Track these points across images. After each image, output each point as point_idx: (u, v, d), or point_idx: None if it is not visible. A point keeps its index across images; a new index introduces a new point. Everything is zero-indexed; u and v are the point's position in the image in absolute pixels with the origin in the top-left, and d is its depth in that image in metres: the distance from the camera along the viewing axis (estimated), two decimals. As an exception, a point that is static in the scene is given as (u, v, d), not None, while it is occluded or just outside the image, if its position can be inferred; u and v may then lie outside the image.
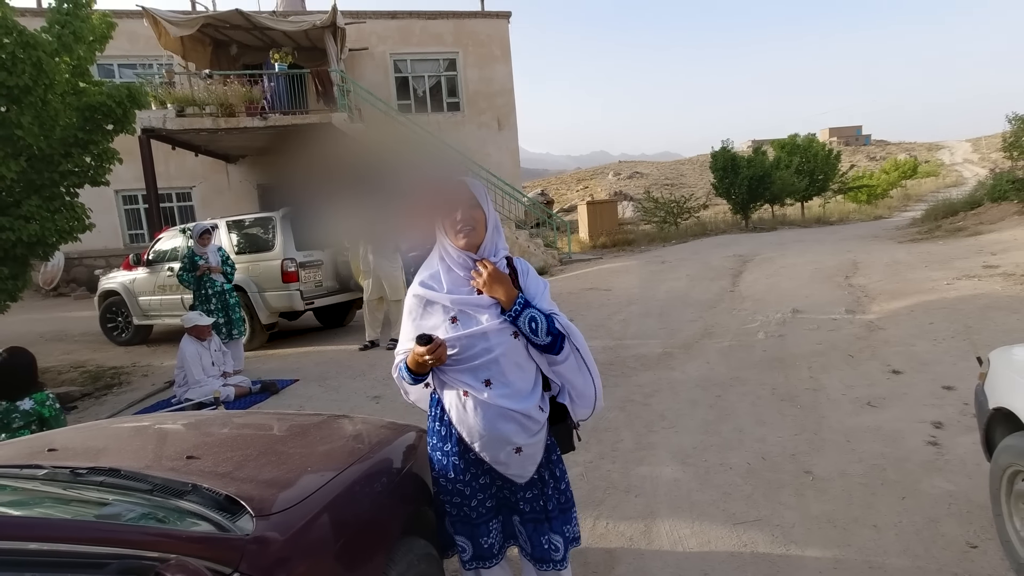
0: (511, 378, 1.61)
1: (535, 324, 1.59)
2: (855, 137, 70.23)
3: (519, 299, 1.59)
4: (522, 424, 1.62)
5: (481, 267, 1.59)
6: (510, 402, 1.59)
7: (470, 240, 1.60)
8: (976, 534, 2.36)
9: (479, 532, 1.71)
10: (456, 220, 1.59)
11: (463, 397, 1.61)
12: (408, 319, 1.68)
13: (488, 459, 1.64)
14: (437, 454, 1.71)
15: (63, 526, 0.90)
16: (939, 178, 37.49)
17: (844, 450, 3.22)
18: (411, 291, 1.68)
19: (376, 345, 6.35)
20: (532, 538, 1.72)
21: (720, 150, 19.12)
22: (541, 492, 1.71)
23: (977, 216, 10.72)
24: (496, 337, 1.59)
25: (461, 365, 1.60)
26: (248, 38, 13.96)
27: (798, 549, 2.39)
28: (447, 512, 1.73)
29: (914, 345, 4.81)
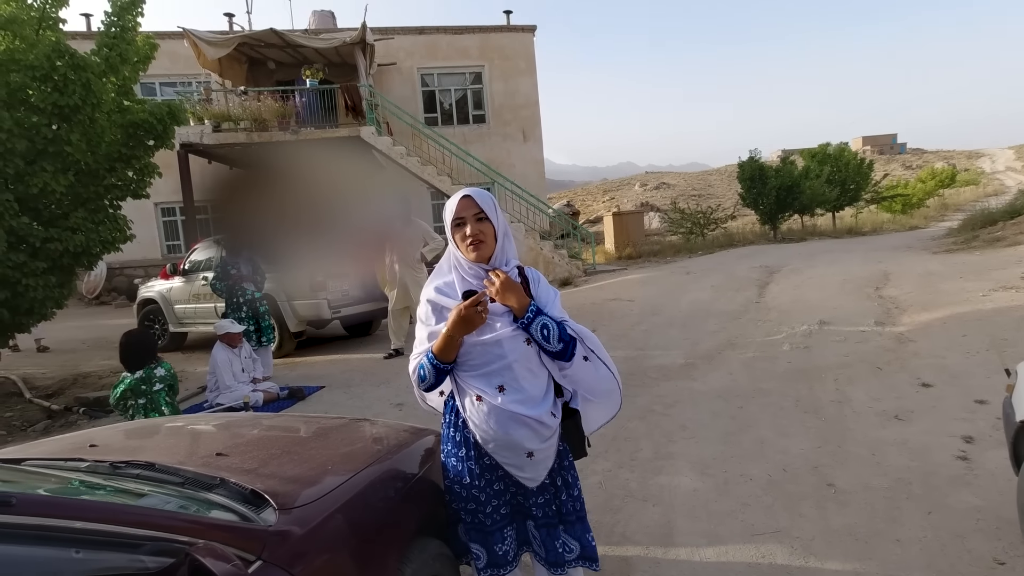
0: (524, 384, 1.65)
1: (547, 331, 1.62)
2: (890, 146, 68.55)
3: (531, 307, 1.63)
4: (534, 429, 1.65)
5: (494, 276, 1.63)
6: (523, 408, 1.63)
7: (480, 253, 1.64)
8: (1004, 551, 2.31)
9: (493, 539, 1.73)
10: (466, 234, 1.63)
11: (477, 402, 1.65)
12: (422, 325, 1.73)
13: (501, 462, 1.68)
14: (452, 460, 1.74)
15: (105, 508, 0.98)
16: (979, 187, 36.34)
17: (868, 463, 3.17)
18: (425, 296, 1.72)
19: (401, 353, 6.45)
20: (546, 542, 1.74)
21: (747, 160, 18.92)
22: (554, 497, 1.74)
23: (1017, 226, 10.37)
24: (510, 344, 1.63)
25: (476, 371, 1.65)
26: (282, 55, 14.45)
27: (817, 562, 2.36)
28: (462, 519, 1.75)
29: (945, 358, 4.69)
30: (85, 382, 6.54)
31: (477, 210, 1.64)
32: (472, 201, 1.65)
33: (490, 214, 1.66)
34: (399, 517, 1.66)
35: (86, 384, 6.44)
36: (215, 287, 5.55)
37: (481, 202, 1.65)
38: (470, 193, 1.67)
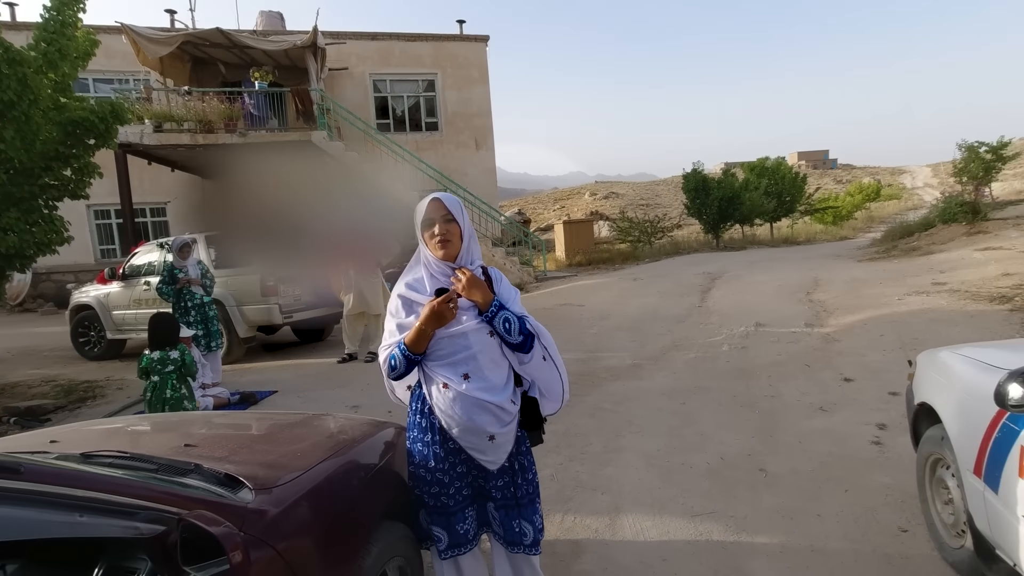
0: (487, 373, 1.76)
1: (509, 324, 1.74)
2: (823, 161, 72.70)
3: (495, 302, 1.75)
4: (496, 415, 1.76)
5: (460, 274, 1.74)
6: (486, 394, 1.74)
7: (447, 251, 1.76)
8: (908, 520, 2.60)
9: (455, 520, 1.82)
10: (434, 233, 1.74)
11: (443, 389, 1.75)
12: (392, 318, 1.82)
13: (465, 446, 1.78)
14: (418, 445, 1.83)
15: (104, 480, 1.04)
16: (901, 201, 38.99)
17: (796, 450, 3.46)
18: (396, 292, 1.83)
19: (355, 358, 6.44)
20: (504, 523, 1.85)
21: (692, 172, 19.74)
22: (512, 480, 1.85)
23: (930, 237, 11.32)
24: (474, 336, 1.75)
25: (443, 361, 1.76)
26: (228, 56, 14.06)
27: (749, 537, 2.59)
28: (426, 503, 1.83)
29: (865, 355, 5.12)
30: (13, 392, 6.19)
31: (445, 212, 1.76)
32: (441, 204, 1.77)
33: (457, 216, 1.77)
34: (365, 501, 1.75)
35: (14, 394, 6.10)
36: (162, 292, 5.41)
37: (449, 205, 1.77)
38: (439, 196, 1.79)
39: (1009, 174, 40.58)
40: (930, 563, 2.31)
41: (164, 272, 5.40)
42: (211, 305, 5.62)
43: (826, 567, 2.34)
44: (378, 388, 5.47)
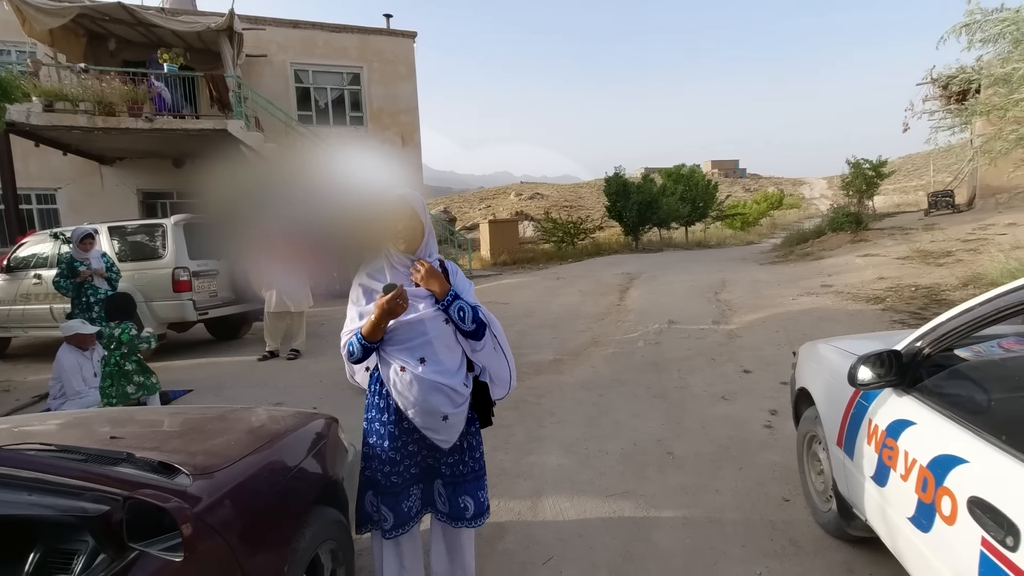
0: (441, 357, 1.88)
1: (463, 313, 1.87)
2: (733, 170, 77.65)
3: (451, 292, 1.88)
4: (449, 396, 1.89)
5: (420, 265, 1.87)
6: (441, 377, 1.86)
7: (409, 245, 1.89)
8: (790, 491, 2.96)
9: (401, 498, 1.93)
10: (398, 229, 1.87)
11: (401, 372, 1.86)
12: (353, 305, 1.93)
13: (420, 425, 1.89)
14: (375, 424, 1.94)
15: (49, 463, 1.05)
16: (800, 210, 42.36)
17: (700, 435, 3.80)
18: (357, 281, 1.94)
19: (276, 356, 6.27)
20: (450, 499, 1.98)
21: (613, 176, 20.54)
22: (460, 458, 1.99)
23: (821, 243, 12.50)
24: (431, 323, 1.87)
25: (401, 345, 1.87)
26: (131, 33, 13.07)
27: (656, 512, 2.85)
28: (377, 482, 1.92)
29: (762, 350, 5.65)
30: None
31: (411, 209, 1.89)
32: (407, 202, 1.90)
33: (421, 215, 1.91)
34: (297, 487, 1.81)
35: None
36: (60, 285, 5.02)
37: (414, 203, 1.91)
38: (404, 194, 1.92)
39: (890, 188, 45.26)
40: (806, 527, 2.66)
41: (63, 265, 5.02)
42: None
43: (721, 535, 2.63)
44: (301, 386, 5.41)
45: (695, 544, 2.57)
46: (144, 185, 14.67)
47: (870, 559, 2.34)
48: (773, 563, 2.40)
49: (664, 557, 2.48)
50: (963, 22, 7.26)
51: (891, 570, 2.23)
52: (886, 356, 1.82)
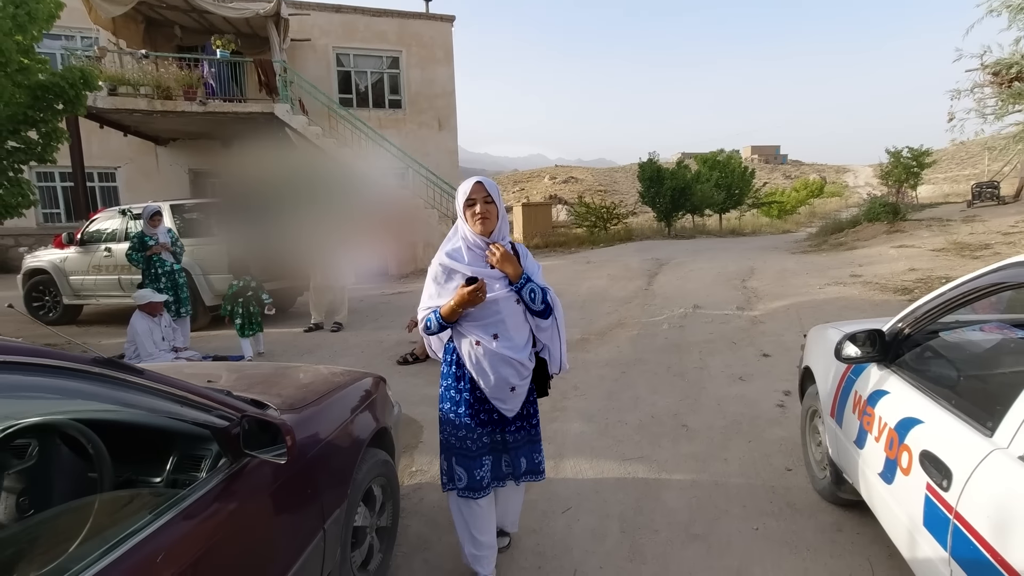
0: (512, 334, 2.05)
1: (534, 295, 2.03)
2: (774, 156, 75.55)
3: (524, 275, 2.03)
4: (517, 369, 2.06)
5: (495, 248, 2.00)
6: (511, 352, 2.03)
7: (485, 227, 2.01)
8: (793, 463, 3.20)
9: (474, 464, 2.10)
10: (475, 212, 2.00)
11: (475, 346, 2.04)
12: (433, 283, 2.08)
13: (490, 395, 2.08)
14: (451, 392, 2.12)
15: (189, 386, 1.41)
16: (842, 198, 41.10)
17: (715, 411, 4.05)
18: (437, 260, 2.07)
19: (320, 327, 6.74)
20: (514, 461, 2.18)
21: (647, 161, 20.45)
22: (521, 425, 2.19)
23: (856, 233, 12.34)
24: (504, 303, 2.03)
25: (476, 322, 2.04)
26: (185, 20, 13.68)
27: (667, 475, 3.14)
28: (452, 446, 2.12)
29: (783, 335, 5.81)
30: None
31: (486, 194, 2.03)
32: (482, 186, 2.03)
33: (496, 198, 2.05)
34: (357, 428, 2.16)
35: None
36: (132, 258, 5.54)
37: (490, 188, 2.04)
38: (481, 180, 2.06)
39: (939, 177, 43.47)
40: (804, 493, 2.90)
41: (134, 239, 5.53)
42: (180, 272, 5.79)
43: (725, 496, 2.91)
44: (344, 355, 5.83)
45: (700, 503, 2.85)
46: (194, 165, 15.42)
47: (858, 521, 2.58)
48: (770, 521, 2.67)
49: (670, 512, 2.78)
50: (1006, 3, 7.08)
51: (875, 530, 2.47)
52: (871, 334, 2.05)
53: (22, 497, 1.32)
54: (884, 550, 2.36)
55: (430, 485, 3.12)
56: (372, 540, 2.23)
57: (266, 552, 1.52)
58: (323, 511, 1.78)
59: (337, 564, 1.89)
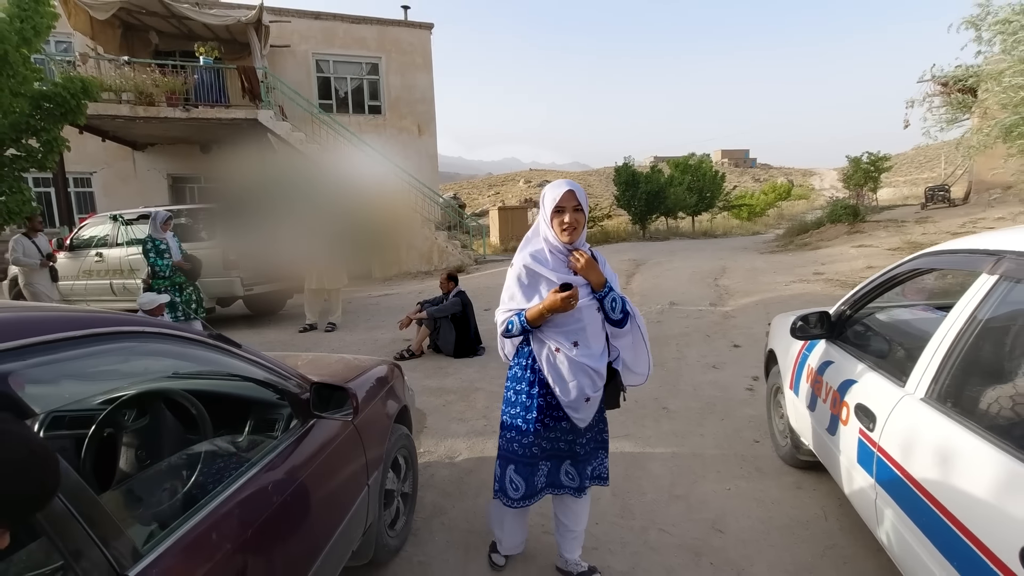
0: (591, 342, 1.97)
1: (615, 304, 1.97)
2: (744, 159, 77.54)
3: (607, 284, 1.97)
4: (593, 379, 1.98)
5: (579, 255, 1.94)
6: (589, 360, 1.96)
7: (573, 237, 1.93)
8: (760, 436, 3.62)
9: (533, 472, 2.06)
10: (564, 221, 1.91)
11: (555, 352, 1.97)
12: (516, 285, 2.01)
13: (565, 404, 1.99)
14: (522, 396, 2.03)
15: (275, 360, 1.72)
16: (809, 201, 42.52)
17: (691, 395, 4.46)
18: (521, 262, 2.01)
19: (315, 328, 6.98)
20: (579, 473, 2.11)
21: (622, 166, 21.06)
22: (591, 437, 2.14)
23: (819, 234, 13.04)
24: (586, 311, 1.96)
25: (557, 329, 1.96)
26: (164, 25, 13.72)
27: (651, 449, 3.52)
28: (514, 451, 2.05)
29: (752, 328, 6.28)
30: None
31: (576, 202, 1.93)
32: (574, 195, 1.93)
33: (585, 207, 1.97)
34: (387, 404, 2.49)
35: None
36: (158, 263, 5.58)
37: (580, 196, 1.94)
38: (572, 187, 1.94)
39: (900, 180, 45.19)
40: (770, 460, 3.32)
41: (148, 244, 5.59)
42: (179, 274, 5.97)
43: (702, 464, 3.30)
44: (342, 352, 6.06)
45: (680, 470, 3.24)
46: (173, 170, 15.40)
47: (815, 480, 3.00)
48: (740, 483, 3.07)
49: (655, 478, 3.16)
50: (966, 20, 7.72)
51: (828, 486, 2.90)
52: (820, 316, 2.47)
53: (140, 451, 1.61)
54: (835, 501, 2.78)
55: (438, 463, 3.45)
56: (398, 503, 2.55)
57: (330, 499, 1.84)
58: (367, 470, 2.10)
59: (376, 518, 2.21)
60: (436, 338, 5.87)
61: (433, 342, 5.93)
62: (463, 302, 5.89)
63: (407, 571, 2.40)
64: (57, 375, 1.06)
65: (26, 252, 6.30)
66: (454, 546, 2.58)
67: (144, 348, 1.30)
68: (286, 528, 1.51)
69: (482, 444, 3.71)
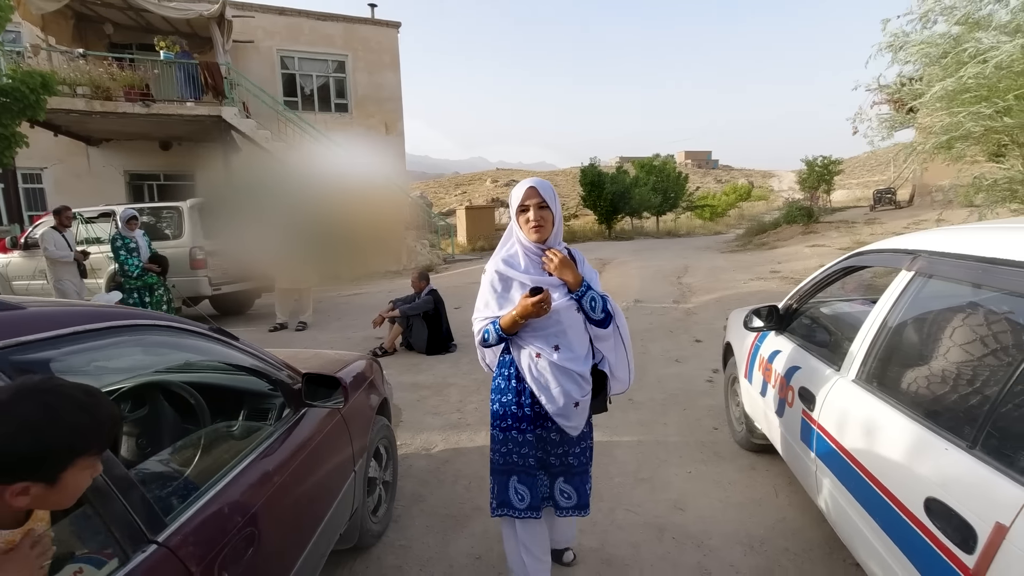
0: (573, 345, 1.89)
1: (594, 303, 1.87)
2: (706, 160, 79.46)
3: (584, 283, 1.87)
4: (579, 383, 1.90)
5: (552, 255, 1.86)
6: (573, 364, 1.87)
7: (540, 235, 1.86)
8: (719, 424, 3.87)
9: (536, 482, 1.95)
10: (529, 219, 1.85)
11: (536, 358, 1.88)
12: (490, 291, 1.93)
13: (552, 412, 1.90)
14: (512, 408, 1.93)
15: (270, 355, 1.82)
16: (768, 202, 43.95)
17: (656, 387, 4.69)
18: (493, 267, 1.94)
19: (285, 327, 6.97)
20: (578, 488, 1.99)
21: (588, 166, 21.44)
22: (586, 446, 2.03)
23: (776, 234, 13.62)
24: (565, 312, 1.87)
25: (536, 333, 1.88)
26: (119, 17, 13.32)
27: (618, 437, 3.73)
28: (514, 464, 1.93)
29: (713, 324, 6.59)
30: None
31: (540, 199, 1.86)
32: (536, 191, 1.86)
33: (551, 204, 1.87)
34: (370, 395, 2.61)
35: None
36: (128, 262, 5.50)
37: (544, 192, 1.87)
38: (535, 184, 1.89)
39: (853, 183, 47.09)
40: (727, 445, 3.56)
41: (117, 242, 5.49)
42: (150, 274, 5.91)
43: (665, 450, 3.52)
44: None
45: (645, 456, 3.45)
46: (131, 167, 14.95)
47: (768, 462, 3.25)
48: (700, 466, 3.29)
49: (622, 463, 3.36)
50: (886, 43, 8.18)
51: (779, 467, 3.15)
52: (769, 309, 2.70)
53: (140, 439, 1.70)
54: (785, 480, 3.02)
55: (416, 455, 3.57)
56: (380, 490, 2.67)
57: (321, 483, 1.95)
58: (354, 457, 2.22)
59: (361, 504, 2.33)
60: (409, 336, 5.97)
61: (406, 340, 6.03)
62: (435, 300, 6.01)
63: (390, 554, 2.53)
64: (86, 362, 1.16)
65: (57, 245, 6.03)
66: (434, 530, 2.71)
67: (155, 339, 1.41)
68: (285, 507, 1.63)
69: (456, 436, 3.85)
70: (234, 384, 1.91)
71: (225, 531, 1.30)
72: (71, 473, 0.87)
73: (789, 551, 2.45)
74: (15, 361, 0.98)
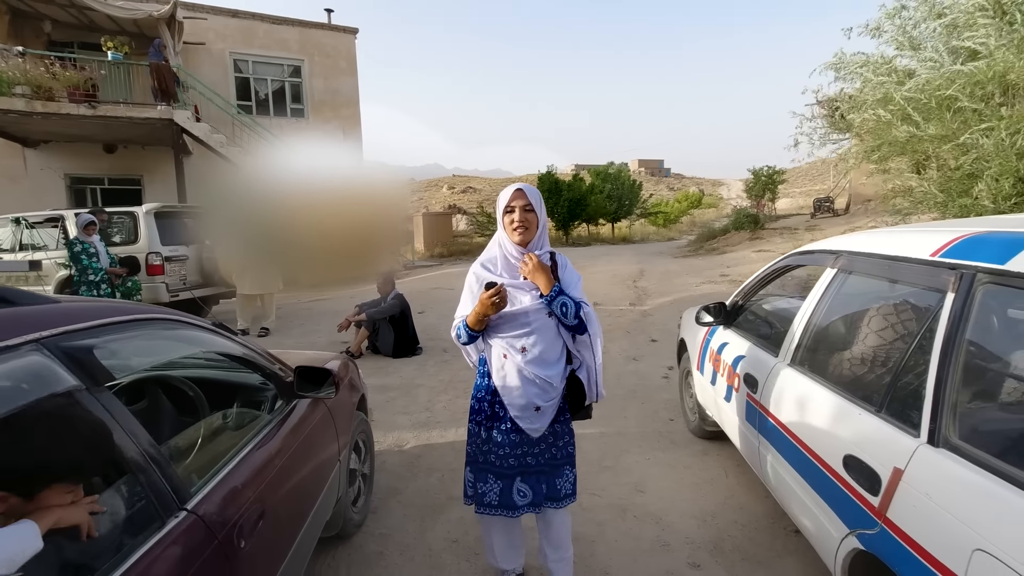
0: (542, 348, 1.90)
1: (565, 308, 1.87)
2: (659, 169, 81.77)
3: (555, 287, 1.88)
4: (543, 388, 1.91)
5: (527, 258, 1.90)
6: (537, 368, 1.89)
7: (523, 238, 1.90)
8: (674, 415, 4.15)
9: (513, 483, 1.96)
10: (513, 220, 1.89)
11: (503, 359, 1.93)
12: (467, 292, 1.99)
13: (514, 414, 1.93)
14: (484, 404, 1.99)
15: (264, 352, 1.94)
16: (717, 209, 45.66)
17: (616, 384, 4.95)
18: (472, 269, 2.02)
19: (247, 333, 6.91)
20: (547, 484, 2.01)
21: (545, 173, 21.85)
22: (546, 448, 2.01)
23: (725, 240, 14.29)
24: (534, 315, 1.89)
25: (505, 334, 1.92)
26: (60, 14, 12.80)
27: (581, 430, 3.87)
28: (491, 463, 1.97)
29: (668, 325, 6.93)
30: None
31: (526, 202, 1.90)
32: (523, 193, 1.91)
33: (536, 207, 1.91)
34: (350, 392, 2.73)
35: None
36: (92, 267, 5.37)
37: (531, 196, 1.91)
38: (522, 187, 1.93)
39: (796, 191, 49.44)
40: (682, 435, 3.83)
41: (76, 247, 5.36)
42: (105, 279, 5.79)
43: (626, 440, 3.76)
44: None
45: (607, 446, 3.68)
46: (72, 170, 14.32)
47: (719, 448, 3.54)
48: (658, 453, 3.55)
49: (586, 453, 3.58)
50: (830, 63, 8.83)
51: (729, 452, 3.44)
52: (718, 306, 2.98)
53: (153, 426, 1.80)
54: (734, 463, 3.31)
55: (389, 451, 3.69)
56: (360, 482, 2.79)
57: (311, 470, 2.07)
58: (339, 447, 2.35)
59: (344, 493, 2.46)
60: (375, 339, 6.05)
61: (372, 343, 6.10)
62: (401, 304, 6.11)
63: (371, 541, 2.66)
64: (119, 350, 1.28)
65: None
66: (411, 518, 2.86)
67: (167, 332, 1.53)
68: (285, 488, 1.76)
69: (427, 433, 3.98)
70: (233, 376, 2.02)
71: (239, 505, 1.43)
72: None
73: (737, 523, 2.72)
74: (65, 347, 1.09)
